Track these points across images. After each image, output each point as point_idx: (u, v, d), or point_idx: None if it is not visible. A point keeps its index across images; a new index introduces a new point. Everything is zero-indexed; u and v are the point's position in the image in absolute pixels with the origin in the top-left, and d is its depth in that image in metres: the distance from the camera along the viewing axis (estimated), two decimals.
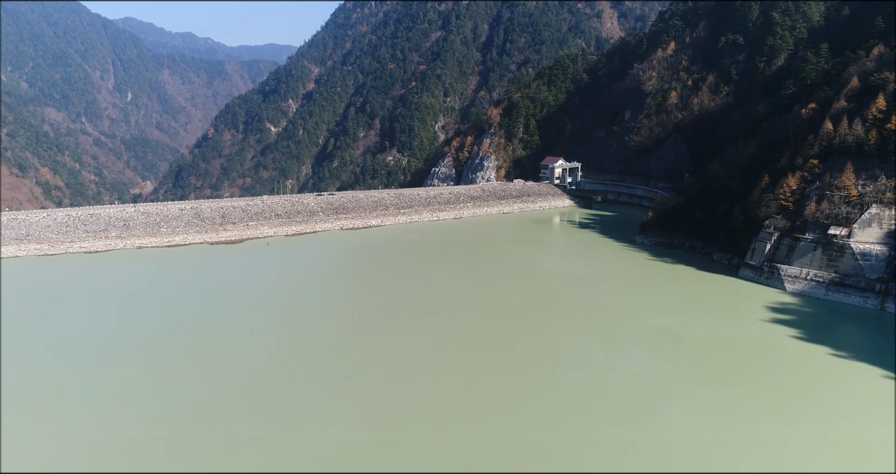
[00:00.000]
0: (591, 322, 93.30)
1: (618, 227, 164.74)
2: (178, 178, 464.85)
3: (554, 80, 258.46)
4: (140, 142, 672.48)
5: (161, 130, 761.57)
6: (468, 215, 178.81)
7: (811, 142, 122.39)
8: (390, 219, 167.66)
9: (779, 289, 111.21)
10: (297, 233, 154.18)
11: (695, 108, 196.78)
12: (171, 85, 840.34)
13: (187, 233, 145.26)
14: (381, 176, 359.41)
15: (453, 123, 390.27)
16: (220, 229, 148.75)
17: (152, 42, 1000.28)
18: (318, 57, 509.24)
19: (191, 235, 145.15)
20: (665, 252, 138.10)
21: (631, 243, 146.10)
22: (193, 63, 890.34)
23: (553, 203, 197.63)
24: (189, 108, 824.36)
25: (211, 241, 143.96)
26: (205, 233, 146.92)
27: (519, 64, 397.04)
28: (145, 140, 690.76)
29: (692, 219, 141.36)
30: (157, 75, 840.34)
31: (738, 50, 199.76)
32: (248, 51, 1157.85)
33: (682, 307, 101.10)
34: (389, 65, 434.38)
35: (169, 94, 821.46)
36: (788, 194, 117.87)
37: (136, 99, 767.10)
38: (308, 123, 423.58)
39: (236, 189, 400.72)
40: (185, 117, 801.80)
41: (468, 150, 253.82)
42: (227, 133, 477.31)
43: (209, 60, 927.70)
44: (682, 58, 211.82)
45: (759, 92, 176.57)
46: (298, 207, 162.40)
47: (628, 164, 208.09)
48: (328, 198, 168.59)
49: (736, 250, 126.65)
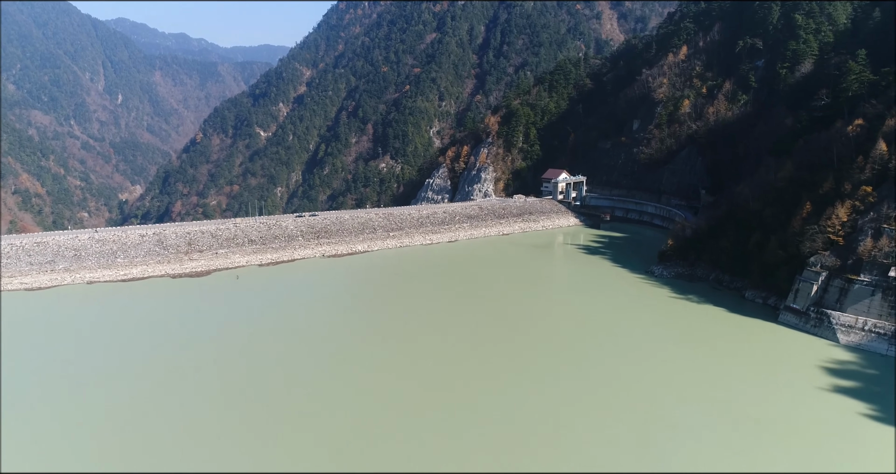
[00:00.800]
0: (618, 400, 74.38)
1: (631, 253, 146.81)
2: (164, 184, 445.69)
3: (555, 85, 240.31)
4: (130, 145, 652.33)
5: (152, 133, 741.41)
6: (464, 237, 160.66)
7: (861, 165, 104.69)
8: (378, 244, 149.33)
9: (830, 341, 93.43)
10: (273, 261, 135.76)
11: (710, 119, 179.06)
12: (162, 87, 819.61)
13: (147, 264, 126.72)
14: (373, 184, 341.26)
15: (449, 128, 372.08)
16: (184, 258, 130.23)
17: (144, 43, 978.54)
18: (310, 59, 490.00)
19: (151, 266, 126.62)
20: (688, 287, 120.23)
21: (648, 275, 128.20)
22: (186, 64, 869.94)
23: (557, 221, 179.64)
24: (181, 110, 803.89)
25: (173, 274, 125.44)
26: (167, 263, 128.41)
27: (517, 67, 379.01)
28: (135, 143, 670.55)
29: (718, 248, 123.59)
30: (148, 77, 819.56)
31: (756, 55, 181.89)
32: (242, 52, 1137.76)
33: (724, 369, 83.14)
34: (383, 67, 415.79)
35: (160, 95, 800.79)
36: (838, 227, 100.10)
37: (127, 101, 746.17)
38: (298, 128, 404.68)
39: (223, 197, 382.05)
40: (176, 119, 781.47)
41: (464, 161, 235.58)
42: (215, 137, 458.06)
43: (202, 62, 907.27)
44: (695, 63, 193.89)
45: (784, 102, 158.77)
46: (275, 231, 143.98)
47: (638, 179, 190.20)
48: (309, 220, 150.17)
49: (773, 289, 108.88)
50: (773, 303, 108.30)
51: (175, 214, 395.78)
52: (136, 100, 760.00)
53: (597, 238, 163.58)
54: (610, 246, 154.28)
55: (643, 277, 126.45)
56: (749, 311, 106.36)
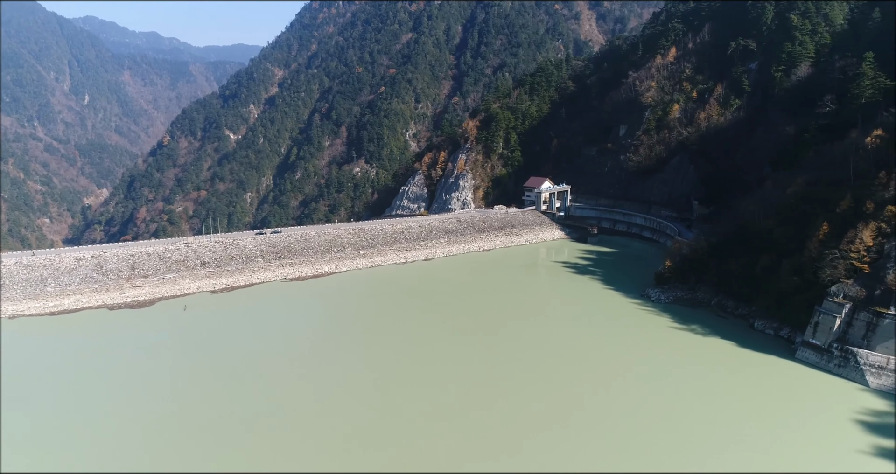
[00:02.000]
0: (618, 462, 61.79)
1: (623, 272, 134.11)
2: (130, 189, 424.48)
3: (536, 88, 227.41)
4: (97, 147, 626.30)
5: (120, 134, 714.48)
6: (442, 255, 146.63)
7: (883, 181, 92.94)
8: (347, 263, 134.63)
9: (858, 385, 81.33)
10: (228, 286, 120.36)
11: (702, 124, 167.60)
12: (131, 87, 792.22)
13: (81, 294, 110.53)
14: (347, 189, 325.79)
15: (425, 131, 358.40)
16: (126, 285, 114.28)
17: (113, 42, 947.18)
18: (282, 59, 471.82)
19: (86, 296, 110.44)
20: (689, 314, 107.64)
21: (644, 299, 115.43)
22: (156, 64, 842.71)
23: (541, 235, 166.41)
24: (151, 110, 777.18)
25: (112, 304, 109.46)
26: (106, 291, 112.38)
27: (495, 68, 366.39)
28: (102, 145, 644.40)
29: (722, 270, 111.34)
30: (117, 76, 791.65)
31: (749, 57, 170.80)
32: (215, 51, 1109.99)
33: (739, 424, 70.40)
34: (357, 68, 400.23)
35: (129, 96, 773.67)
36: (862, 252, 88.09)
37: (94, 101, 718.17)
38: (269, 131, 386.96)
39: (190, 202, 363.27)
40: (146, 120, 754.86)
41: (441, 167, 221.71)
42: (183, 140, 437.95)
43: (173, 61, 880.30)
44: (684, 65, 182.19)
45: (783, 108, 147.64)
46: (232, 252, 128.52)
47: (625, 188, 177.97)
48: (270, 238, 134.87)
49: (787, 319, 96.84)
50: (787, 335, 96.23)
51: (140, 220, 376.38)
52: (104, 100, 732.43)
53: (584, 254, 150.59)
54: (599, 263, 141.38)
55: (639, 303, 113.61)
56: (761, 345, 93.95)
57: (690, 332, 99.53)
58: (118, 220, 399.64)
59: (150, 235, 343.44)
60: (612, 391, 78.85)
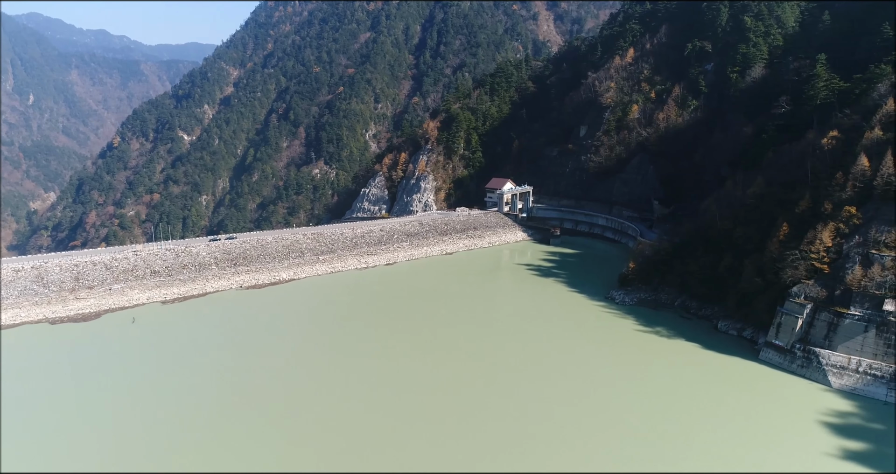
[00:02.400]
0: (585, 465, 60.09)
1: (586, 273, 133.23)
2: (78, 193, 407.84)
3: (496, 89, 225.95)
4: (43, 149, 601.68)
5: (68, 136, 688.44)
6: (404, 259, 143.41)
7: (840, 181, 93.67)
8: (306, 270, 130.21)
9: (821, 385, 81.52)
10: (180, 296, 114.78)
11: (661, 125, 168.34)
12: (80, 86, 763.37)
13: (20, 307, 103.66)
14: (306, 191, 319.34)
15: (386, 132, 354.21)
16: (69, 298, 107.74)
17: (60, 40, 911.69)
18: (237, 58, 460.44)
19: (26, 309, 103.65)
20: (653, 316, 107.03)
21: (608, 301, 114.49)
22: (105, 63, 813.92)
23: (504, 237, 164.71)
24: (101, 111, 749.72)
25: (54, 318, 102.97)
26: (47, 304, 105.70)
27: (454, 68, 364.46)
28: (49, 147, 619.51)
29: (684, 271, 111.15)
30: (63, 76, 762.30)
31: (706, 58, 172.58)
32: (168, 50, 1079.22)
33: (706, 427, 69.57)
34: (315, 68, 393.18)
35: (78, 96, 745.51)
36: (822, 253, 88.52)
37: (39, 102, 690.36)
38: (225, 132, 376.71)
39: (143, 206, 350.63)
40: (96, 121, 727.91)
41: (402, 169, 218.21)
42: (134, 142, 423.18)
43: (123, 60, 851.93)
44: (642, 66, 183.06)
45: (739, 108, 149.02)
46: (184, 259, 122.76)
47: (587, 189, 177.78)
48: (225, 245, 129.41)
49: (749, 319, 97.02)
50: (750, 335, 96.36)
51: (89, 225, 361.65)
52: (50, 100, 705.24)
53: (548, 255, 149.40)
54: (563, 265, 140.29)
55: (603, 305, 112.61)
56: (725, 347, 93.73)
57: (655, 335, 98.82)
58: (66, 225, 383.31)
59: (100, 241, 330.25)
60: (577, 396, 77.37)
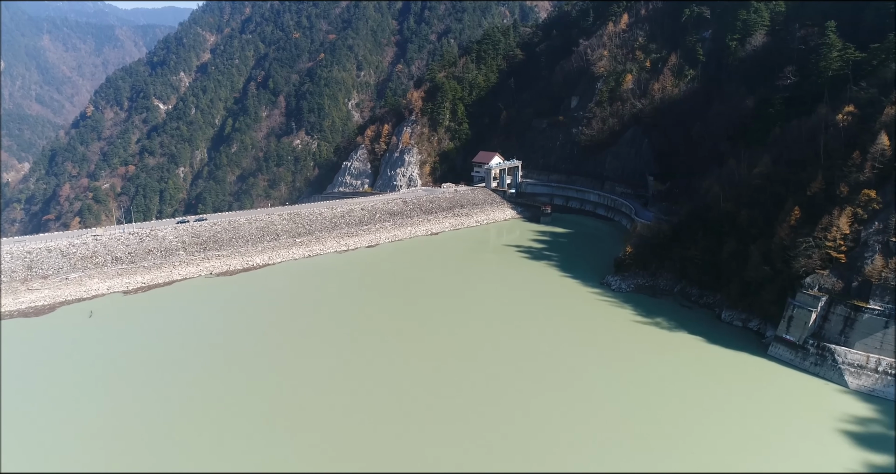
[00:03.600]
0: None
1: (580, 255, 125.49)
2: (51, 164, 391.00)
3: (483, 56, 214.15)
4: (15, 118, 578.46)
5: (42, 104, 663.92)
6: (386, 240, 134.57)
7: (857, 162, 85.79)
8: (282, 254, 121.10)
9: (837, 385, 75.04)
10: (144, 285, 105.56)
11: (656, 96, 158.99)
12: (52, 52, 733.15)
13: None
14: (287, 162, 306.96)
15: (369, 101, 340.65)
16: (21, 289, 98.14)
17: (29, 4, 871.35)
18: (214, 24, 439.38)
19: None
20: (652, 304, 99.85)
21: (604, 288, 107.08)
22: (79, 27, 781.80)
23: (492, 215, 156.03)
24: (75, 78, 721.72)
25: (2, 313, 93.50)
26: None
27: (439, 34, 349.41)
28: (22, 115, 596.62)
29: (684, 256, 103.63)
30: (35, 41, 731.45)
31: (704, 25, 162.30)
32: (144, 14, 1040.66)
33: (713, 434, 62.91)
34: (294, 33, 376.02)
35: (50, 62, 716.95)
36: (839, 240, 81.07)
37: (11, 68, 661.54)
38: (202, 101, 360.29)
39: (118, 178, 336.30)
40: (70, 89, 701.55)
41: (385, 141, 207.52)
42: (108, 111, 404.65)
43: (98, 25, 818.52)
44: (637, 33, 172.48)
45: (738, 79, 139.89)
46: (149, 244, 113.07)
47: (578, 163, 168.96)
48: (194, 227, 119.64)
49: (756, 310, 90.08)
50: (757, 327, 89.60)
51: (63, 198, 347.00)
52: (22, 67, 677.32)
53: (538, 235, 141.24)
54: (555, 246, 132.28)
55: (599, 292, 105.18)
56: (731, 340, 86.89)
57: (655, 326, 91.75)
58: (39, 198, 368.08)
59: (73, 215, 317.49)
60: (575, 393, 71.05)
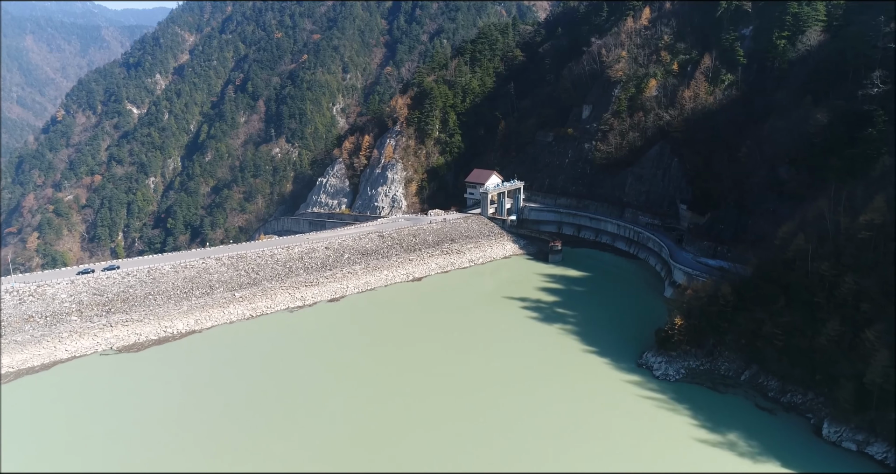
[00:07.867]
0: None
1: (604, 313, 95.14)
2: (18, 172, 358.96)
3: (478, 58, 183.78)
4: None
5: (23, 106, 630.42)
6: (355, 290, 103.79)
7: None
8: (215, 314, 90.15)
9: None
10: (10, 371, 74.56)
11: (686, 106, 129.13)
12: (35, 53, 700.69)
13: None
14: (265, 173, 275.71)
15: (355, 106, 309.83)
16: None
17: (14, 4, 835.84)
18: (193, 23, 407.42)
19: None
20: (716, 404, 69.65)
21: (642, 372, 76.83)
22: (64, 28, 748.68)
23: (489, 251, 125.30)
24: (59, 79, 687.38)
25: None
26: None
27: (431, 34, 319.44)
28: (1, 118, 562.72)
29: (757, 330, 73.40)
30: (18, 42, 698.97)
31: (744, 20, 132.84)
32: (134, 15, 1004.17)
33: None
34: (276, 33, 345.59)
35: (33, 63, 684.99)
36: None
37: None
38: (176, 105, 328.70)
39: (83, 189, 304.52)
40: (53, 91, 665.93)
41: (366, 154, 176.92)
42: (80, 115, 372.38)
43: (83, 25, 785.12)
44: (662, 31, 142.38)
45: (798, 86, 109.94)
46: (33, 306, 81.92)
47: (591, 185, 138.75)
48: (98, 280, 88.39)
49: (881, 430, 59.99)
50: (882, 456, 59.49)
51: (26, 210, 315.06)
52: (3, 68, 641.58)
53: (547, 281, 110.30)
54: (571, 299, 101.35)
55: (637, 380, 74.83)
56: None
57: (731, 450, 61.56)
58: (3, 209, 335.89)
59: (32, 230, 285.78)
60: None
